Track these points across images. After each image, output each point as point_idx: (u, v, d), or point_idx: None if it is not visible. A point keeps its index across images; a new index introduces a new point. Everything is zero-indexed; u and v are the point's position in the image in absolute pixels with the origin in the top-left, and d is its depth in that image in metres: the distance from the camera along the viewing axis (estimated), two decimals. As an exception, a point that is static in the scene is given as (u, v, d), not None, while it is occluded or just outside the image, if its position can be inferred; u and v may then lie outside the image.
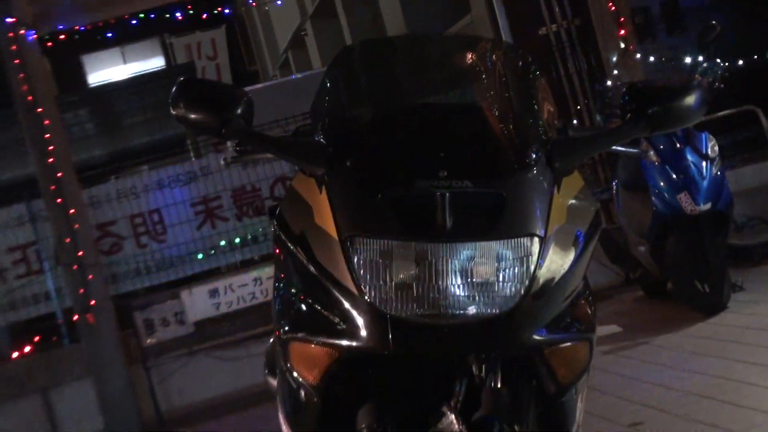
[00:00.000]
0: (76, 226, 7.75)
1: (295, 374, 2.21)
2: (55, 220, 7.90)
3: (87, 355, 7.86)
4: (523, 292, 1.98)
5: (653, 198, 6.28)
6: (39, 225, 8.46)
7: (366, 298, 1.98)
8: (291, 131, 3.05)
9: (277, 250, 2.36)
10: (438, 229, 1.96)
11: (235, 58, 20.21)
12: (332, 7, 17.82)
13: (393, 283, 1.99)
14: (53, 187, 7.71)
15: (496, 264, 2.00)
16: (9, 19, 7.52)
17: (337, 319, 2.06)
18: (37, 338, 9.00)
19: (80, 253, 7.72)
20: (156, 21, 9.03)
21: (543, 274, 2.02)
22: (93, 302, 7.68)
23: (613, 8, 7.97)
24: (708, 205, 6.11)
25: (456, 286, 1.99)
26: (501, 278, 2.01)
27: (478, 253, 1.99)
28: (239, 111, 2.27)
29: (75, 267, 7.76)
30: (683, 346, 5.80)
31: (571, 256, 2.14)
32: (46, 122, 7.64)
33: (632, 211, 6.79)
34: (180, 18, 9.18)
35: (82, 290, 7.72)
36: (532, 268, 2.00)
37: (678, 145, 6.28)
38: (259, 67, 23.87)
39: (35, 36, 7.72)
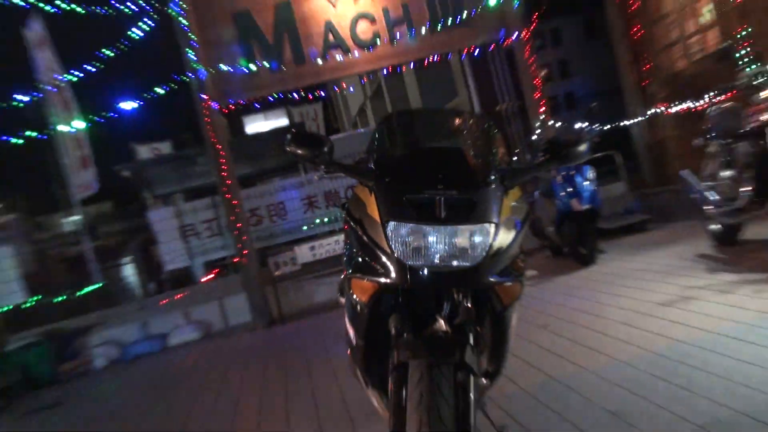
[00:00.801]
0: (238, 210, 9.62)
1: (354, 296, 2.72)
2: (226, 206, 9.76)
3: (242, 280, 9.66)
4: (484, 254, 2.51)
5: (557, 201, 7.77)
6: (218, 209, 10.83)
7: (395, 255, 2.52)
8: (355, 161, 3.53)
9: (345, 227, 2.88)
10: (436, 217, 2.51)
11: (328, 119, 23.03)
12: (381, 93, 20.45)
13: (410, 247, 2.53)
14: (225, 188, 9.58)
15: (469, 238, 2.52)
16: (203, 96, 9.46)
17: (378, 267, 2.58)
18: (216, 270, 11.50)
19: (239, 225, 9.55)
20: (283, 98, 11.06)
21: (496, 244, 2.55)
22: (246, 252, 9.50)
23: (537, 96, 9.72)
24: (587, 206, 7.62)
25: (446, 250, 2.52)
26: (472, 246, 2.53)
27: (459, 232, 2.51)
28: (325, 149, 2.83)
29: (236, 232, 9.54)
30: (570, 283, 7.10)
31: (513, 234, 2.65)
32: (222, 153, 9.54)
33: (545, 208, 8.32)
34: (297, 97, 10.84)
35: (240, 245, 9.55)
36: (490, 240, 2.53)
37: (572, 172, 7.67)
38: (340, 125, 26.73)
39: (218, 106, 9.61)
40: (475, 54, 10.62)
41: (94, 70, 9.71)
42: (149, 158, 17.52)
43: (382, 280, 2.58)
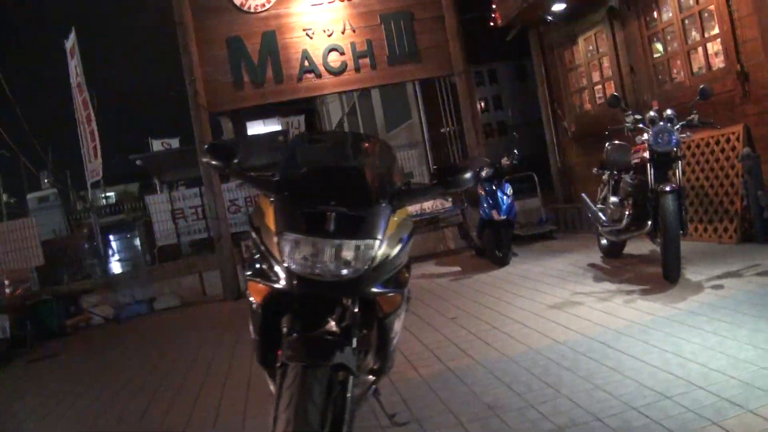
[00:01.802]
0: (218, 199, 9.35)
1: (251, 297, 2.52)
2: (209, 196, 9.51)
3: (218, 258, 9.36)
4: (367, 266, 2.33)
5: (481, 211, 7.66)
6: (204, 198, 10.23)
7: (285, 264, 2.33)
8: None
9: (251, 234, 2.63)
10: (326, 231, 2.31)
11: (312, 128, 22.90)
12: (355, 110, 19.86)
13: (300, 256, 2.32)
14: (209, 181, 9.27)
15: (354, 252, 2.33)
16: (196, 102, 9.16)
17: (271, 272, 2.40)
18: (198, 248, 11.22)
19: (219, 212, 9.29)
20: (277, 108, 10.87)
21: (379, 258, 2.37)
22: (222, 235, 9.23)
23: (472, 123, 9.64)
24: (504, 216, 7.53)
25: (332, 261, 2.32)
26: (356, 259, 2.33)
27: (345, 246, 2.32)
28: (236, 160, 2.61)
29: (217, 218, 9.27)
30: (484, 280, 6.96)
31: (397, 249, 2.47)
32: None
33: (472, 216, 8.29)
34: (286, 108, 10.65)
35: (219, 229, 9.28)
36: (373, 254, 2.34)
37: (494, 188, 7.67)
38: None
39: (205, 112, 9.29)
40: (425, 84, 10.39)
41: (109, 76, 9.39)
42: (158, 150, 17.09)
43: (274, 285, 2.38)
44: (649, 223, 5.37)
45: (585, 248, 7.58)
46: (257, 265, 2.47)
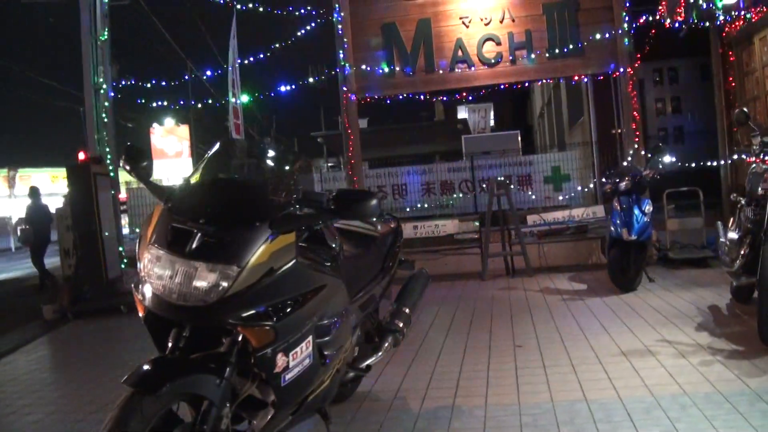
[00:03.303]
0: (356, 185, 9.23)
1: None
2: (348, 179, 9.89)
3: None
4: (220, 294, 2.19)
5: (611, 227, 7.04)
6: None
7: (145, 279, 2.30)
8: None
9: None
10: (187, 250, 2.22)
11: (518, 116, 22.23)
12: (551, 103, 19.12)
13: (156, 274, 2.25)
14: (349, 165, 9.55)
15: (210, 275, 2.19)
16: (345, 87, 9.34)
17: (141, 286, 2.35)
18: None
19: None
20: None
21: (238, 286, 2.21)
22: None
23: (633, 126, 8.67)
24: (635, 237, 6.75)
25: (185, 284, 2.20)
26: (211, 284, 2.19)
27: (200, 268, 2.20)
28: (144, 164, 2.56)
29: None
30: (589, 306, 6.28)
31: (267, 279, 2.28)
32: (351, 137, 9.35)
33: (606, 233, 7.48)
34: (471, 98, 10.39)
35: None
36: (230, 282, 2.19)
37: (631, 204, 6.94)
38: (531, 122, 25.73)
39: (354, 98, 9.33)
40: (585, 81, 9.79)
41: (263, 58, 9.96)
42: (338, 131, 17.59)
43: (144, 300, 2.32)
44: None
45: (724, 285, 6.40)
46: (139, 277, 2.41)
